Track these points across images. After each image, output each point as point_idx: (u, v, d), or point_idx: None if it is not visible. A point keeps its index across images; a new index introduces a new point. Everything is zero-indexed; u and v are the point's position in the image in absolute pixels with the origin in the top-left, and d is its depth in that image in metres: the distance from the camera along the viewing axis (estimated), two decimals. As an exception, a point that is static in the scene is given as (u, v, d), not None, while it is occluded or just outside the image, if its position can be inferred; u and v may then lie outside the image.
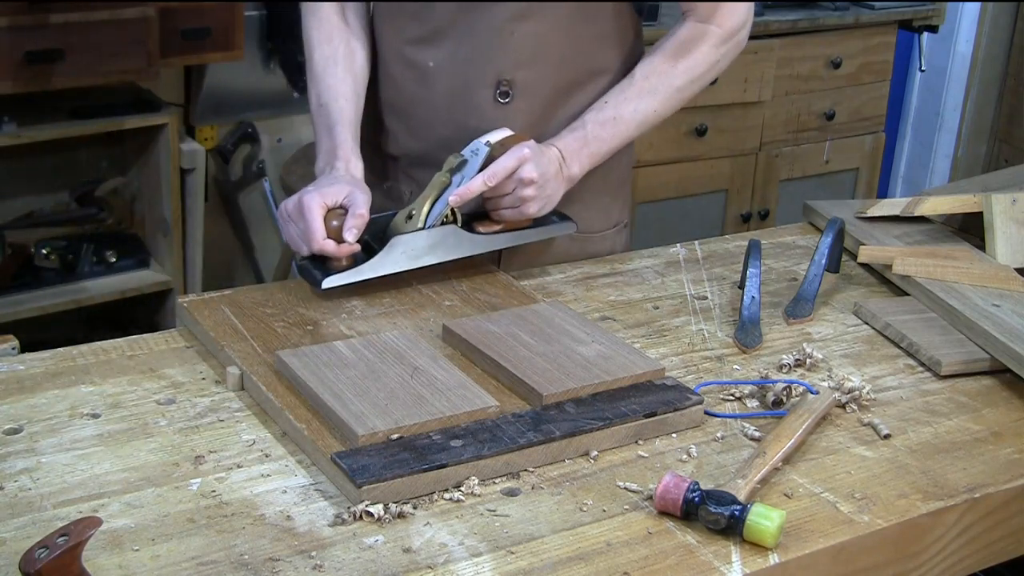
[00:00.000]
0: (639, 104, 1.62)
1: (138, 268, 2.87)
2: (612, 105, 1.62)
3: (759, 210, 3.40)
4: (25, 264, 2.77)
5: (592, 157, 1.61)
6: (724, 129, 3.23)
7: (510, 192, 1.53)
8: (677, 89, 1.63)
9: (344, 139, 1.59)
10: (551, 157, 1.56)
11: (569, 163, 1.58)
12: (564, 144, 1.59)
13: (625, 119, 1.61)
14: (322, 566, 1.02)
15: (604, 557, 1.06)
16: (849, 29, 3.36)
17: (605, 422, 1.23)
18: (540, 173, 1.52)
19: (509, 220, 1.57)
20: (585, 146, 1.60)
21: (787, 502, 1.16)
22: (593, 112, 1.61)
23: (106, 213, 2.92)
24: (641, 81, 1.62)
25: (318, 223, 1.47)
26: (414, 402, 1.22)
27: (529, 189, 1.53)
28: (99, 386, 1.30)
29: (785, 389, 1.34)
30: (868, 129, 3.55)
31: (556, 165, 1.56)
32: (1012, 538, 1.26)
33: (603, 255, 1.75)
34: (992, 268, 1.65)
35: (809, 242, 1.83)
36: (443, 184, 1.54)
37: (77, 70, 2.51)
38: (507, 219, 1.57)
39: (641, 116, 1.62)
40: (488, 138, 1.54)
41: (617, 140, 1.63)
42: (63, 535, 0.89)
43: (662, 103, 1.63)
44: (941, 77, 4.15)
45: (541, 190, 1.54)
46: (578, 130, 1.60)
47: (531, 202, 1.54)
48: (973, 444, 1.29)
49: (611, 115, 1.61)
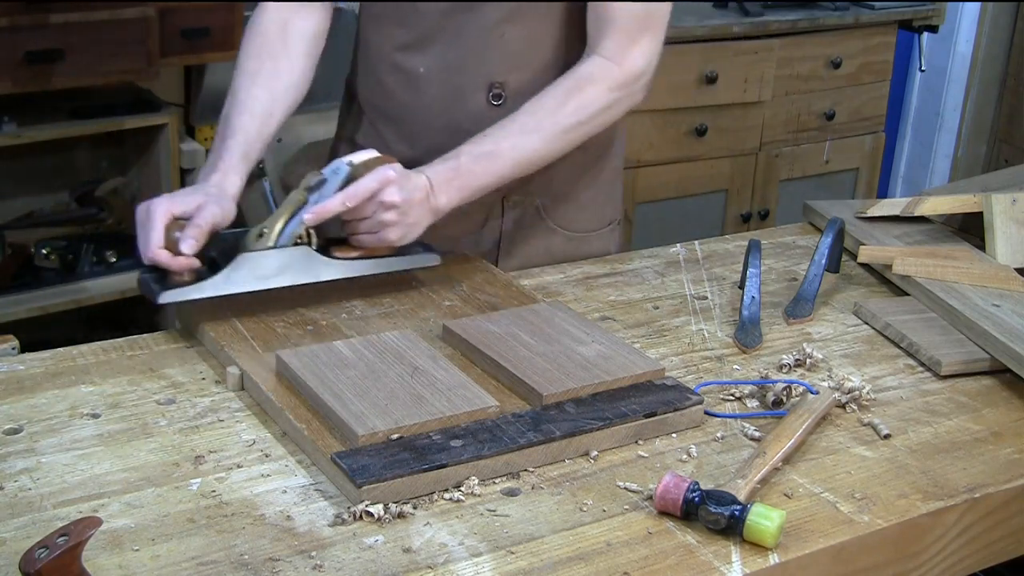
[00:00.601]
0: (519, 140, 1.53)
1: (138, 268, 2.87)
2: (492, 139, 1.53)
3: (759, 210, 3.40)
4: (25, 264, 2.77)
5: (462, 191, 1.51)
6: (724, 129, 3.23)
7: (370, 216, 1.45)
8: (563, 130, 1.55)
9: (231, 153, 1.51)
10: (418, 184, 1.47)
11: (437, 193, 1.49)
12: (434, 172, 1.50)
13: (502, 155, 1.53)
14: (322, 566, 1.02)
15: (604, 557, 1.06)
16: (849, 29, 3.36)
17: (605, 422, 1.23)
18: (403, 198, 1.44)
19: (368, 246, 1.49)
20: (456, 177, 1.50)
21: (787, 502, 1.16)
22: (470, 144, 1.53)
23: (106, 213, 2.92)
24: (526, 117, 1.54)
25: (156, 232, 1.39)
26: (414, 402, 1.22)
27: (390, 213, 1.44)
28: (99, 386, 1.30)
29: (785, 389, 1.34)
30: (868, 129, 3.55)
31: (423, 193, 1.47)
32: (1012, 538, 1.26)
33: (598, 254, 1.75)
34: (992, 268, 1.65)
35: (809, 242, 1.83)
36: (299, 202, 1.46)
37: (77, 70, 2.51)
38: (366, 245, 1.48)
39: (519, 153, 1.54)
40: (351, 158, 1.46)
41: (491, 176, 1.53)
42: (63, 535, 0.89)
43: (545, 143, 1.55)
44: (941, 77, 4.15)
45: (403, 216, 1.45)
46: (451, 160, 1.51)
47: (392, 227, 1.46)
48: (973, 444, 1.29)
49: (488, 149, 1.52)
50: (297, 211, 1.45)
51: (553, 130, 1.55)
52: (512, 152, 1.53)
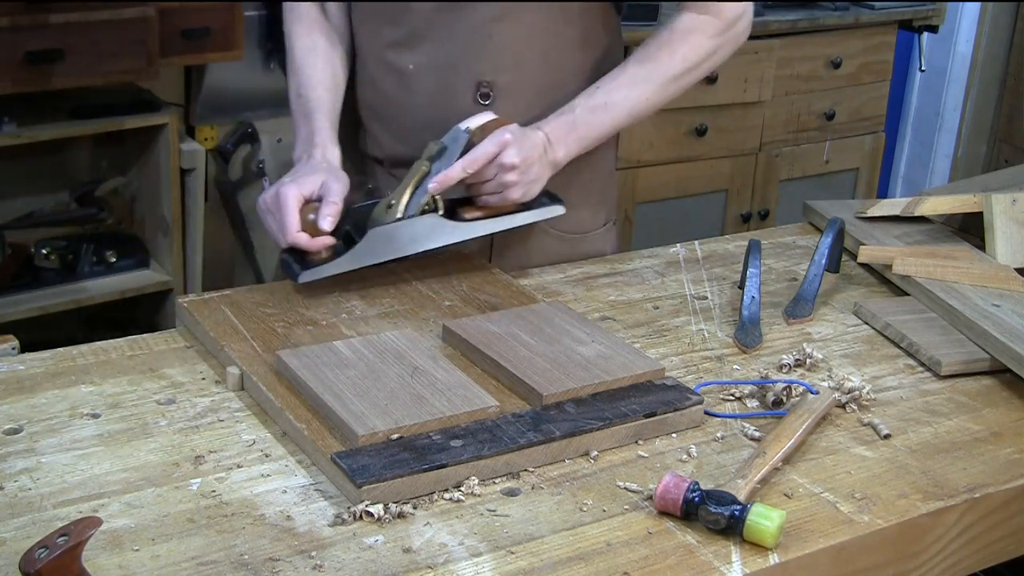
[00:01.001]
0: (631, 91, 1.59)
1: (138, 268, 2.87)
2: (604, 91, 1.59)
3: (759, 210, 3.40)
4: (25, 264, 2.77)
5: (580, 142, 1.58)
6: (724, 129, 3.23)
7: (492, 178, 1.51)
8: (671, 78, 1.60)
9: (322, 126, 1.57)
10: (535, 141, 1.53)
11: (555, 147, 1.55)
12: (551, 128, 1.56)
13: (616, 105, 1.59)
14: (322, 566, 1.02)
15: (604, 557, 1.06)
16: (849, 29, 3.36)
17: (605, 422, 1.23)
18: (522, 158, 1.50)
19: (493, 206, 1.55)
20: (573, 131, 1.57)
21: (787, 502, 1.16)
22: (583, 97, 1.58)
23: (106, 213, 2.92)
24: (635, 67, 1.60)
25: (293, 216, 1.45)
26: (414, 402, 1.22)
27: (511, 174, 1.50)
28: (99, 386, 1.30)
29: (785, 389, 1.34)
30: (868, 129, 3.55)
31: (540, 149, 1.53)
32: (1012, 538, 1.26)
33: (594, 254, 1.75)
34: (992, 268, 1.65)
35: (809, 242, 1.82)
36: (423, 172, 1.51)
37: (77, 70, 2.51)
38: (491, 205, 1.54)
39: (632, 103, 1.59)
40: (468, 124, 1.51)
41: (607, 127, 1.60)
42: (63, 535, 0.89)
43: (655, 92, 1.60)
44: (941, 77, 4.15)
45: (523, 175, 1.51)
46: (567, 114, 1.57)
47: (513, 187, 1.51)
48: (973, 444, 1.29)
49: (602, 101, 1.58)
50: (422, 181, 1.51)
51: (661, 80, 1.60)
52: (625, 102, 1.59)
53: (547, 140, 1.55)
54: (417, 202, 1.51)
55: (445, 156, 1.51)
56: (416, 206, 1.51)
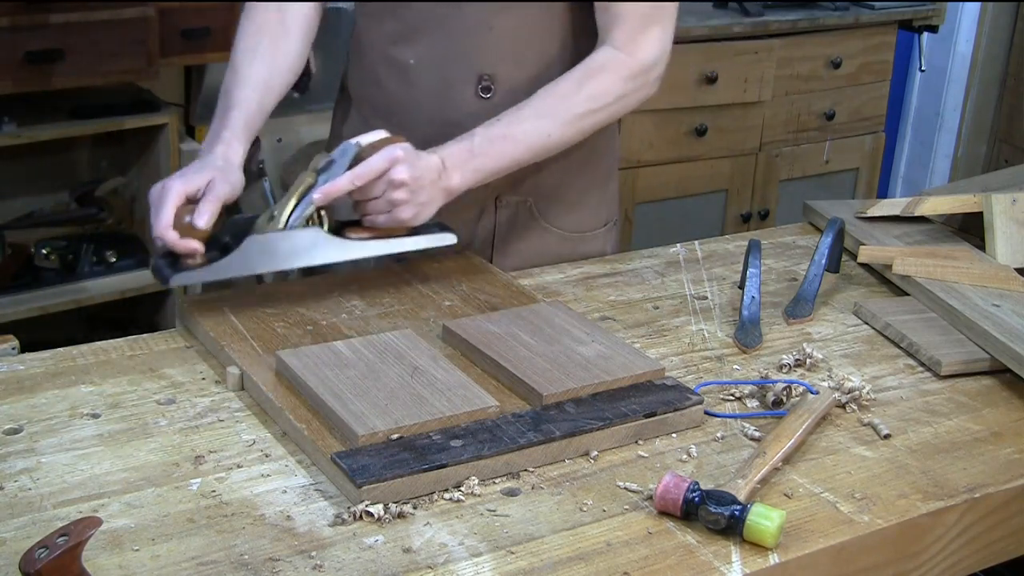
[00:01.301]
0: (533, 125, 1.54)
1: (138, 268, 2.86)
2: (505, 122, 1.53)
3: (759, 210, 3.40)
4: (25, 264, 2.77)
5: (476, 172, 1.52)
6: (724, 129, 3.23)
7: (380, 195, 1.45)
8: (576, 116, 1.55)
9: (234, 123, 1.53)
10: (429, 164, 1.47)
11: (450, 173, 1.49)
12: (447, 153, 1.50)
13: (516, 138, 1.53)
14: (322, 566, 1.02)
15: (604, 557, 1.06)
16: (849, 29, 3.36)
17: (605, 422, 1.23)
18: (413, 176, 1.44)
19: (382, 226, 1.48)
20: (471, 159, 1.51)
21: (787, 502, 1.16)
22: (484, 127, 1.53)
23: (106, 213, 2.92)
24: (539, 102, 1.55)
25: (167, 211, 1.39)
26: (414, 402, 1.22)
27: (400, 192, 1.44)
28: (99, 386, 1.30)
29: (785, 389, 1.34)
30: (868, 129, 3.55)
31: (434, 173, 1.47)
32: (1012, 538, 1.26)
33: (595, 254, 1.75)
34: (992, 268, 1.65)
35: (809, 242, 1.83)
36: (308, 184, 1.45)
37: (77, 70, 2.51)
38: (380, 225, 1.48)
39: (533, 138, 1.54)
40: (360, 139, 1.47)
41: (505, 159, 1.54)
42: (63, 535, 0.89)
43: (558, 128, 1.55)
44: (941, 77, 4.15)
45: (414, 195, 1.45)
46: (464, 141, 1.52)
47: (403, 206, 1.45)
48: (973, 444, 1.29)
49: (502, 132, 1.53)
50: (307, 193, 1.45)
51: (566, 116, 1.55)
52: (525, 136, 1.54)
53: (442, 165, 1.49)
54: (301, 214, 1.44)
55: (332, 169, 1.46)
56: (299, 218, 1.44)
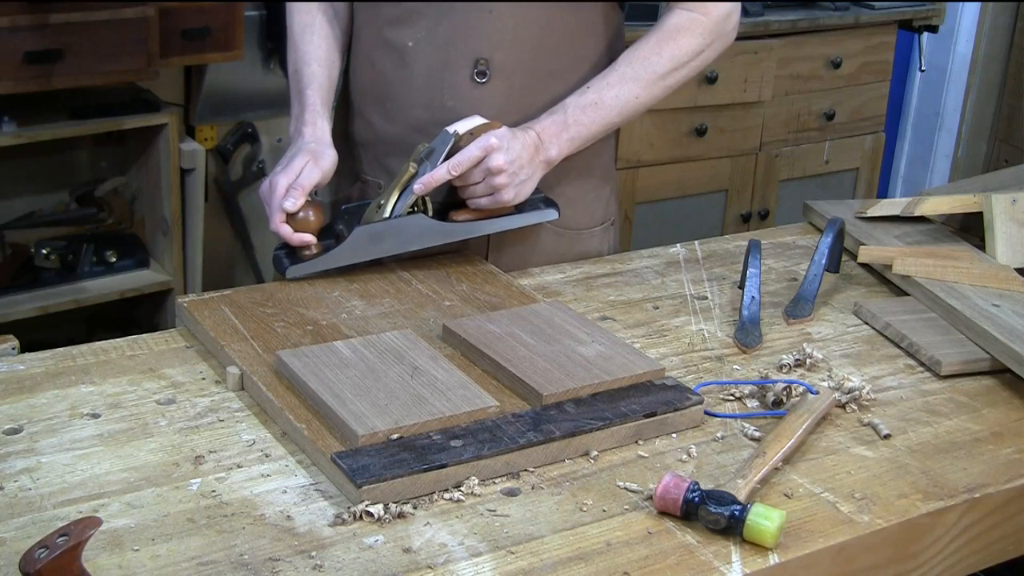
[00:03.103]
0: (621, 90, 1.61)
1: (138, 268, 2.87)
2: (594, 90, 1.61)
3: (759, 210, 3.40)
4: (25, 264, 2.77)
5: (572, 142, 1.60)
6: (724, 129, 3.23)
7: (480, 181, 1.54)
8: (660, 76, 1.63)
9: (312, 102, 1.61)
10: (526, 141, 1.55)
11: (547, 146, 1.57)
12: (543, 127, 1.58)
13: (606, 104, 1.61)
14: (322, 566, 1.02)
15: (604, 557, 1.06)
16: (849, 29, 3.36)
17: (605, 422, 1.23)
18: (509, 161, 1.52)
19: (486, 208, 1.57)
20: (565, 130, 1.59)
21: (787, 502, 1.16)
22: (574, 96, 1.61)
23: (106, 213, 2.92)
24: (624, 67, 1.62)
25: (277, 207, 1.51)
26: (414, 402, 1.22)
27: (499, 178, 1.52)
28: (99, 386, 1.30)
29: (785, 389, 1.34)
30: (868, 129, 3.55)
31: (532, 149, 1.55)
32: (1012, 538, 1.26)
33: (592, 252, 1.75)
34: (992, 268, 1.65)
35: (809, 242, 1.83)
36: (410, 174, 1.55)
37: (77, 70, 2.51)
38: (484, 207, 1.56)
39: (623, 102, 1.61)
40: (456, 127, 1.53)
41: (598, 125, 1.61)
42: (63, 535, 0.89)
43: (644, 90, 1.62)
44: (941, 77, 4.15)
45: (513, 177, 1.53)
46: (558, 113, 1.60)
47: (503, 190, 1.54)
48: (973, 444, 1.29)
49: (592, 99, 1.60)
50: (409, 182, 1.55)
51: (650, 78, 1.62)
52: (615, 101, 1.61)
53: (539, 139, 1.56)
54: (404, 203, 1.54)
55: (432, 158, 1.53)
56: (403, 206, 1.54)
